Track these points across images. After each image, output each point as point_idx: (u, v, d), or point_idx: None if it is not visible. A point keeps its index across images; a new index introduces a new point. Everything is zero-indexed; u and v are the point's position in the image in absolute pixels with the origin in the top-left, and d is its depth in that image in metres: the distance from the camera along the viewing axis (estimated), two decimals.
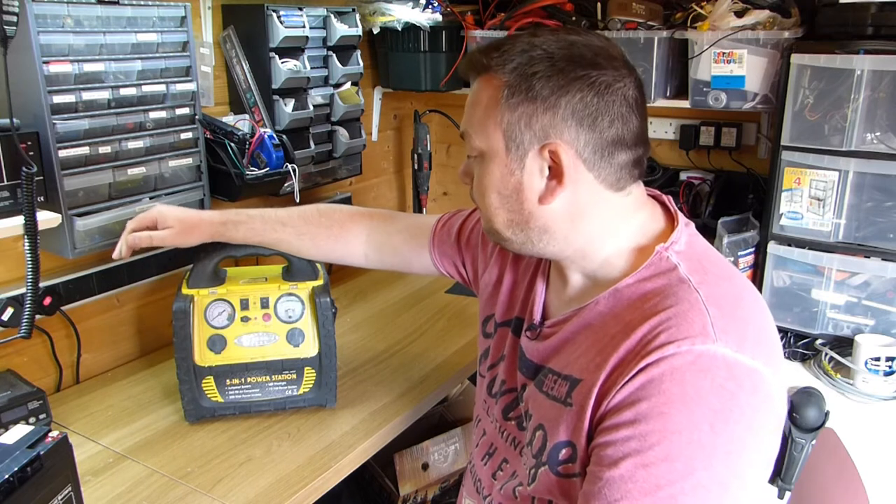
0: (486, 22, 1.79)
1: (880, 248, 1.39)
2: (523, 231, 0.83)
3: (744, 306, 0.76)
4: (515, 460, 0.93)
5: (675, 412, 0.68)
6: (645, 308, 0.76)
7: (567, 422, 0.79)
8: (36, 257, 1.10)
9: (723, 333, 0.71)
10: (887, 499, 1.18)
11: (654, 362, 0.70)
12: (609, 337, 0.77)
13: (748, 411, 0.69)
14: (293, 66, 1.53)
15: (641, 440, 0.68)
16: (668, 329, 0.72)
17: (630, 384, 0.71)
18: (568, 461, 0.79)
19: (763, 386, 0.71)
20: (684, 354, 0.69)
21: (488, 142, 0.81)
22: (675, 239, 0.81)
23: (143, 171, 1.27)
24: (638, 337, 0.73)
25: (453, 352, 1.48)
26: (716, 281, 0.77)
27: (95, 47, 1.17)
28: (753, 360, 0.71)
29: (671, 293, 0.75)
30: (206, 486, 1.05)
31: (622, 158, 0.79)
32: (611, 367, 0.74)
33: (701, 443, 0.67)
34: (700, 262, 0.79)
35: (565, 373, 0.82)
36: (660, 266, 0.79)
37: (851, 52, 1.32)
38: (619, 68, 0.78)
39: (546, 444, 0.82)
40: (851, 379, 1.38)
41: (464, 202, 2.23)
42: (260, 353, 1.20)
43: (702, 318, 0.72)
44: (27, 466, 0.74)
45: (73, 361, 1.36)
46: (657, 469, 0.67)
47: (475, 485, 1.00)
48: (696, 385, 0.68)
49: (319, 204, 1.29)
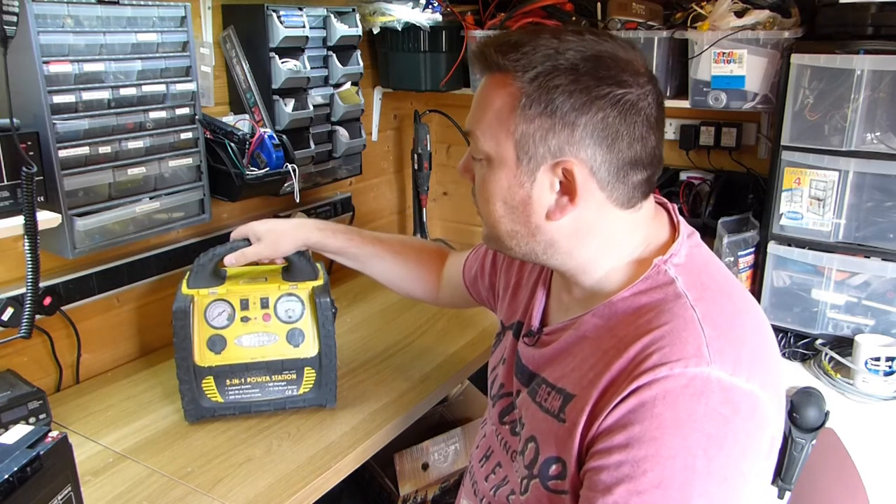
0: (486, 22, 1.79)
1: (880, 248, 1.38)
2: (528, 244, 0.81)
3: (741, 325, 0.74)
4: (507, 465, 0.93)
5: (668, 437, 0.66)
6: (639, 324, 0.74)
7: (558, 437, 0.77)
8: (36, 257, 1.10)
9: (718, 355, 0.69)
10: (887, 499, 1.18)
11: (646, 384, 0.68)
12: (602, 352, 0.75)
13: (742, 436, 0.67)
14: (293, 66, 1.53)
15: (634, 466, 0.66)
16: (662, 349, 0.70)
17: (622, 406, 0.69)
18: (557, 477, 0.78)
19: (759, 409, 0.69)
20: (678, 377, 0.67)
21: (498, 149, 0.77)
22: (674, 251, 0.78)
23: (143, 171, 1.27)
24: (631, 355, 0.71)
25: (453, 352, 1.48)
26: (713, 297, 0.75)
27: (95, 47, 1.17)
28: (748, 383, 0.69)
29: (666, 309, 0.73)
30: (206, 486, 1.05)
31: (636, 178, 0.77)
32: (603, 385, 0.72)
33: (696, 469, 0.65)
34: (699, 276, 0.77)
35: (559, 385, 0.81)
36: (657, 279, 0.77)
37: (851, 52, 1.32)
38: (643, 84, 0.74)
39: (538, 458, 0.81)
40: (851, 379, 1.37)
41: (464, 202, 2.24)
42: (260, 353, 1.19)
43: (696, 337, 0.70)
44: (27, 466, 0.74)
45: (73, 361, 1.36)
46: (651, 496, 0.65)
47: (472, 486, 1.00)
48: (689, 409, 0.66)
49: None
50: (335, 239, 1.20)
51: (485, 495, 0.95)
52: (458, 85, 1.86)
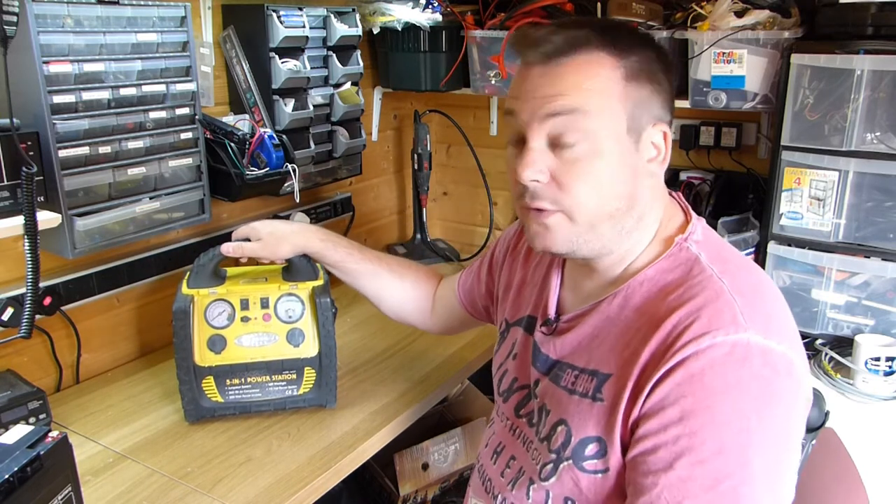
0: (486, 22, 1.78)
1: (880, 248, 1.38)
2: (619, 221, 0.81)
3: (764, 294, 0.78)
4: (523, 457, 0.93)
5: (720, 404, 0.69)
6: (669, 300, 0.77)
7: (597, 417, 0.79)
8: (36, 257, 1.10)
9: (751, 322, 0.72)
10: (887, 499, 1.18)
11: (691, 355, 0.71)
12: (635, 330, 0.78)
13: (786, 395, 0.71)
14: (293, 66, 1.53)
15: (692, 437, 0.69)
16: (699, 319, 0.73)
17: (668, 380, 0.72)
18: (594, 457, 0.79)
19: (794, 369, 0.73)
20: (720, 346, 0.70)
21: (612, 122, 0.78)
22: (692, 230, 0.83)
23: (143, 171, 1.27)
24: (668, 329, 0.74)
25: (453, 352, 1.48)
26: (736, 270, 0.79)
27: (95, 47, 1.17)
28: (780, 345, 0.72)
29: (696, 283, 0.77)
30: (206, 486, 1.05)
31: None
32: (644, 361, 0.75)
33: (750, 430, 0.68)
34: (719, 252, 0.81)
35: (590, 368, 0.82)
36: (679, 257, 0.81)
37: (851, 52, 1.32)
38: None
39: (570, 440, 0.82)
40: (851, 379, 1.37)
41: (464, 202, 2.24)
42: (260, 353, 1.20)
43: (730, 307, 0.73)
44: (27, 466, 0.74)
45: (73, 361, 1.36)
46: (714, 464, 0.68)
47: (484, 485, 1.00)
48: (736, 375, 0.70)
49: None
50: (335, 251, 1.21)
51: (501, 491, 0.95)
52: (458, 85, 1.86)
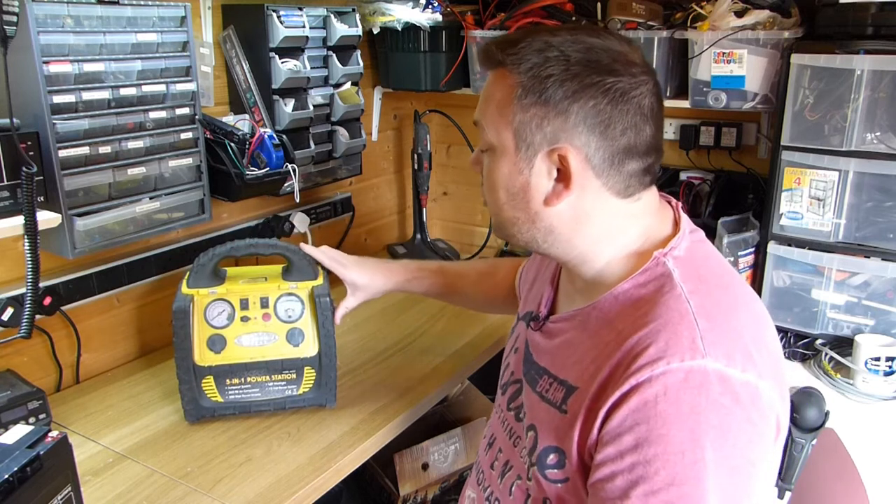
0: (486, 22, 1.78)
1: (880, 248, 1.38)
2: (528, 231, 0.84)
3: (737, 317, 0.75)
4: (509, 451, 0.94)
5: (675, 433, 0.67)
6: (636, 316, 0.75)
7: (559, 427, 0.78)
8: (36, 257, 1.10)
9: (712, 347, 0.69)
10: (887, 499, 1.18)
11: (645, 381, 0.69)
12: (604, 344, 0.77)
13: (746, 424, 0.68)
14: (293, 66, 1.53)
15: (647, 466, 0.67)
16: (656, 343, 0.70)
17: (624, 406, 0.70)
18: (554, 467, 0.79)
19: (759, 397, 0.70)
20: (675, 372, 0.68)
21: (499, 137, 0.81)
22: (674, 245, 0.80)
23: (143, 171, 1.27)
24: (626, 349, 0.72)
25: (453, 352, 1.48)
26: (709, 290, 0.76)
27: (95, 47, 1.17)
28: (744, 374, 0.69)
29: (661, 302, 0.74)
30: (206, 486, 1.05)
31: (632, 167, 0.79)
32: (602, 378, 0.73)
33: (705, 461, 0.66)
34: (697, 269, 0.78)
35: (561, 377, 0.82)
36: (655, 272, 0.78)
37: (851, 52, 1.32)
38: (636, 74, 0.77)
39: (536, 446, 0.83)
40: (851, 379, 1.37)
41: (463, 202, 2.24)
42: (260, 352, 1.19)
43: (690, 331, 0.70)
44: (27, 466, 0.74)
45: (73, 361, 1.36)
46: (666, 495, 0.66)
47: (477, 476, 1.01)
48: (691, 403, 0.67)
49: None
50: (421, 284, 1.29)
51: (490, 483, 0.95)
52: (458, 85, 1.86)
